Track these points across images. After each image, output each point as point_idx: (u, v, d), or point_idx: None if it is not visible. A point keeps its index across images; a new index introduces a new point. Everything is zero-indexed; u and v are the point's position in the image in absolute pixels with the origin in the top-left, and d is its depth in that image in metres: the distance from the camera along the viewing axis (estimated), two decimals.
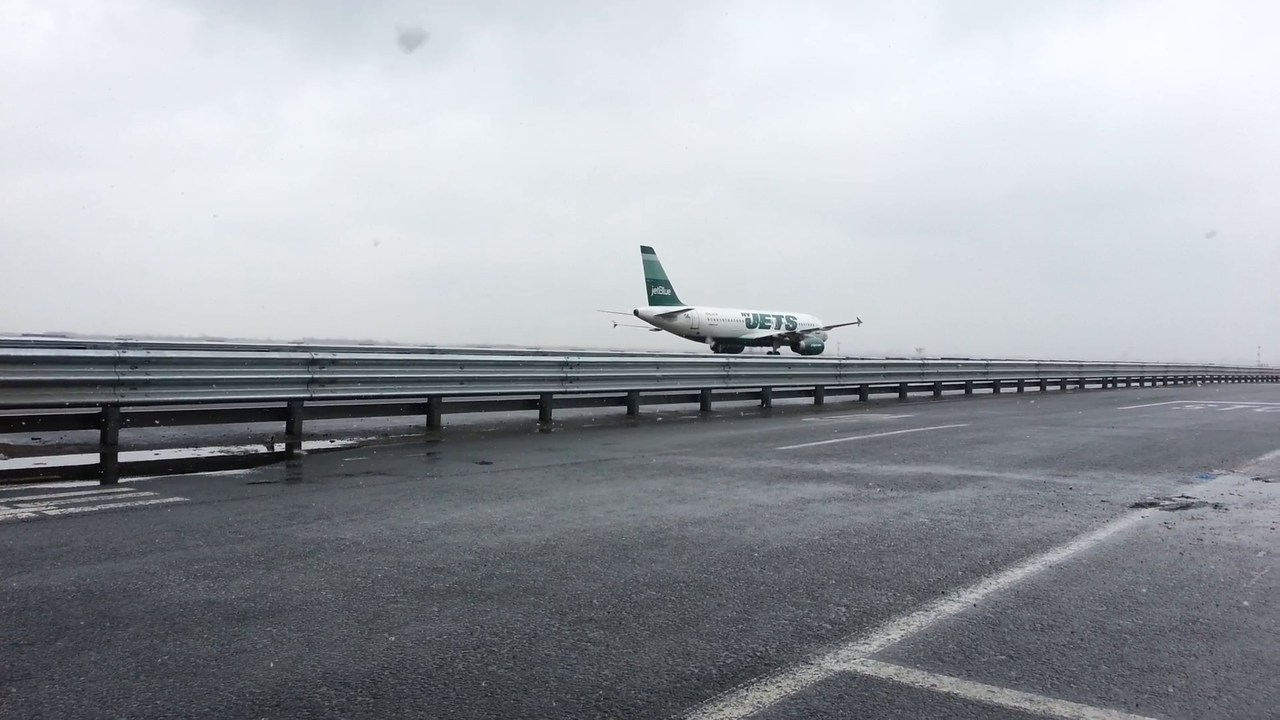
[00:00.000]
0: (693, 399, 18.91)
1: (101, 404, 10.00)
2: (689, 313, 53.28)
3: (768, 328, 56.10)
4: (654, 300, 53.39)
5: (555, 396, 15.46)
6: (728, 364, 19.80)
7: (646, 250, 54.29)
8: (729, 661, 3.17)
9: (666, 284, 54.15)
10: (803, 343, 55.13)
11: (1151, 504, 6.64)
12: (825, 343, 55.32)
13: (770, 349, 52.26)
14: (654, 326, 53.32)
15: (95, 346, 10.09)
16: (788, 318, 57.26)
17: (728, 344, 51.61)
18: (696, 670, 3.08)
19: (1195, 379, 53.96)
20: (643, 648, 3.31)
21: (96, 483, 7.87)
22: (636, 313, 53.10)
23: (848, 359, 24.56)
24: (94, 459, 9.38)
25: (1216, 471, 8.66)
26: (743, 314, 55.72)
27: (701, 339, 53.19)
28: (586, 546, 5.04)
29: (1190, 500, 6.82)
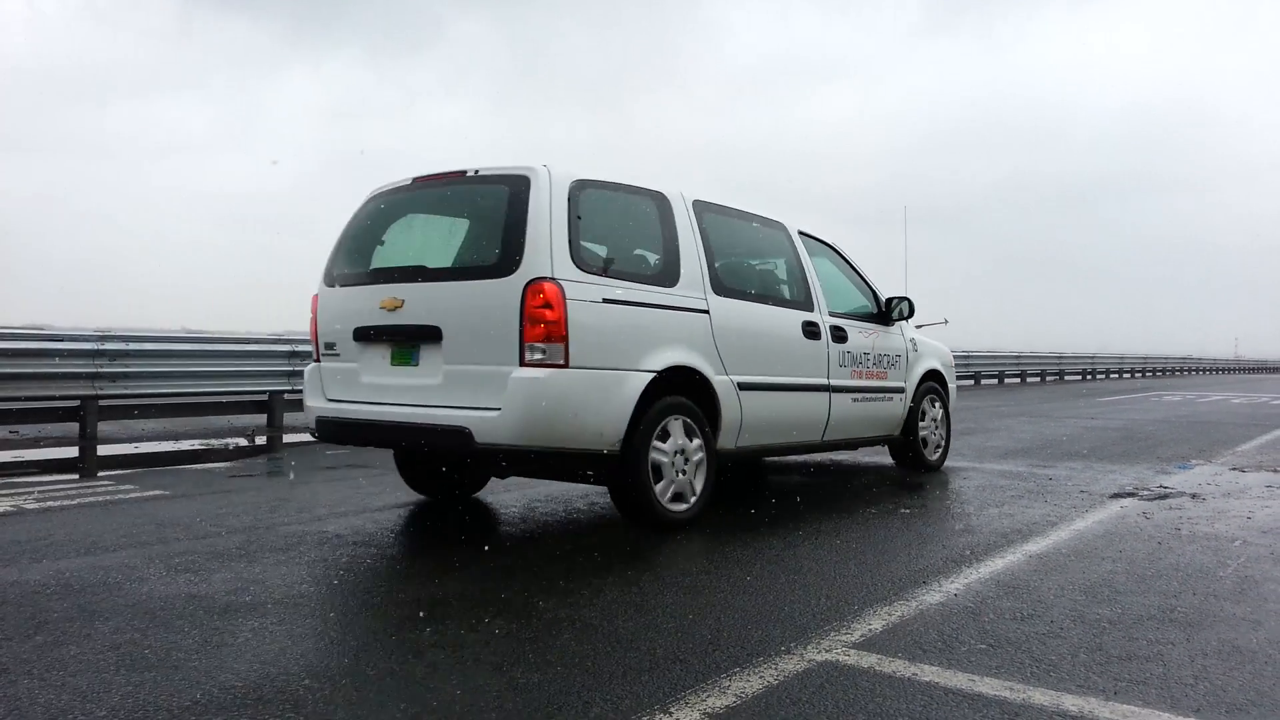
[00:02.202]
0: None
1: (80, 397, 9.91)
2: None
3: None
4: None
5: None
6: None
7: None
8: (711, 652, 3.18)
9: None
10: None
11: (1130, 494, 6.70)
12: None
13: None
14: None
15: (73, 339, 9.99)
16: None
17: None
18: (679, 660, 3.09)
19: (1174, 371, 54.45)
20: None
21: (75, 476, 7.81)
22: None
23: None
24: (73, 452, 9.29)
25: (1194, 462, 8.75)
26: None
27: None
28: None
29: (1168, 490, 6.89)
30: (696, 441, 5.22)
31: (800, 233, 6.77)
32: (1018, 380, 34.57)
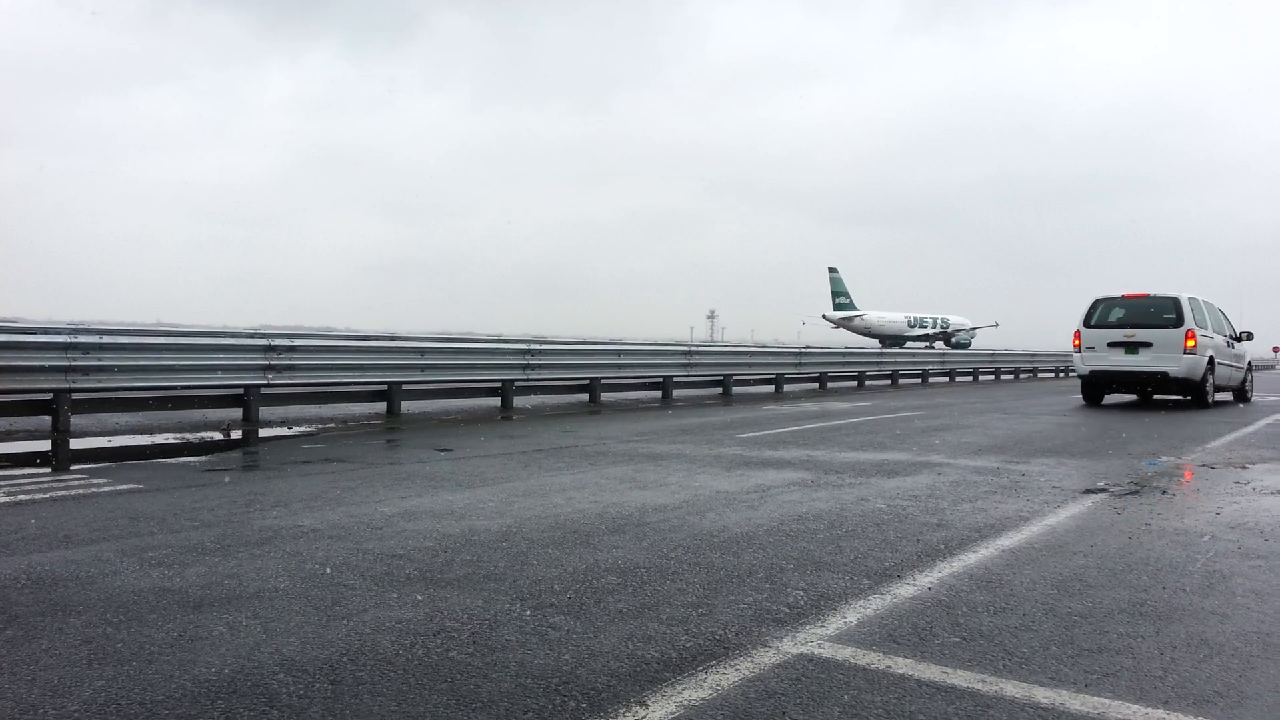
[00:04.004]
0: (654, 387, 18.95)
1: (53, 390, 9.80)
2: (864, 316, 69.05)
3: (925, 327, 70.30)
4: (837, 306, 70.65)
5: (517, 384, 15.42)
6: (689, 352, 19.86)
7: (832, 270, 72.11)
8: (688, 645, 3.20)
9: (846, 294, 71.36)
10: (953, 339, 68.17)
11: (1101, 490, 6.78)
12: (972, 340, 68.16)
13: (927, 344, 63.53)
14: (835, 325, 69.23)
15: (46, 332, 9.89)
16: (942, 319, 71.92)
17: (893, 340, 64.14)
18: (656, 654, 3.10)
19: None
20: (603, 632, 3.33)
21: (48, 470, 7.73)
22: (824, 316, 70.18)
23: (807, 348, 24.71)
24: (45, 446, 9.20)
25: (1164, 458, 8.86)
26: (905, 316, 70.79)
27: (873, 336, 65.96)
28: (548, 533, 5.04)
29: (1139, 486, 6.97)
30: (1212, 379, 16.80)
31: (1219, 309, 18.10)
32: (992, 377, 34.86)
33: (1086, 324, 17.27)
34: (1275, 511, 5.95)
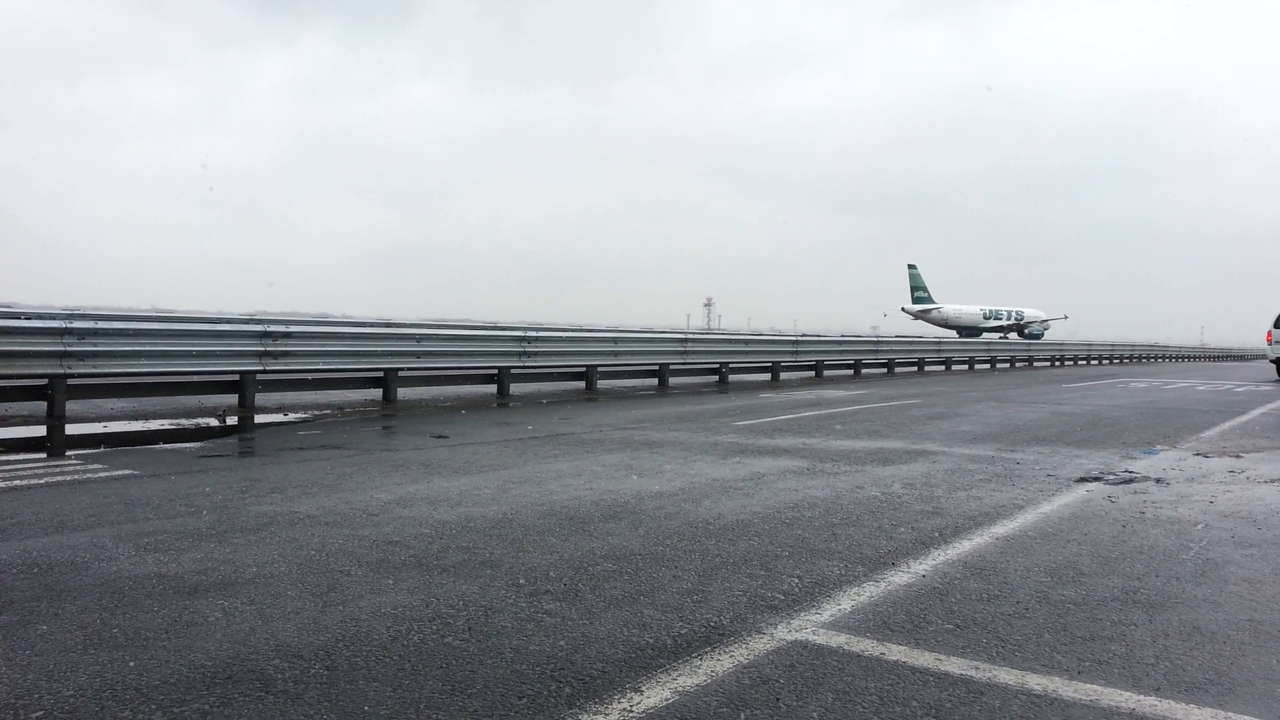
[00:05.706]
0: (651, 374, 18.96)
1: (48, 375, 9.79)
2: (941, 309, 73.71)
3: (1000, 319, 75.33)
4: (915, 300, 74.79)
5: (513, 371, 15.42)
6: (685, 340, 19.85)
7: (912, 267, 77.01)
8: (683, 632, 3.21)
9: (925, 289, 75.66)
10: (1026, 330, 72.57)
11: (1096, 478, 6.80)
12: (1046, 331, 71.96)
13: (1001, 335, 68.92)
14: (914, 317, 73.40)
15: (41, 317, 9.87)
16: (1017, 312, 76.31)
17: (969, 331, 67.72)
18: (652, 640, 3.11)
19: (1141, 358, 55.10)
20: (599, 619, 3.34)
21: (43, 455, 7.72)
22: (903, 309, 74.78)
23: (804, 336, 24.69)
24: (40, 431, 9.19)
25: (1159, 447, 8.88)
26: (981, 309, 75.45)
27: (950, 328, 69.82)
28: (543, 520, 5.05)
29: (1133, 475, 6.99)
30: None
31: None
32: (988, 366, 34.90)
33: (1276, 326, 25.85)
34: (1269, 500, 5.97)
